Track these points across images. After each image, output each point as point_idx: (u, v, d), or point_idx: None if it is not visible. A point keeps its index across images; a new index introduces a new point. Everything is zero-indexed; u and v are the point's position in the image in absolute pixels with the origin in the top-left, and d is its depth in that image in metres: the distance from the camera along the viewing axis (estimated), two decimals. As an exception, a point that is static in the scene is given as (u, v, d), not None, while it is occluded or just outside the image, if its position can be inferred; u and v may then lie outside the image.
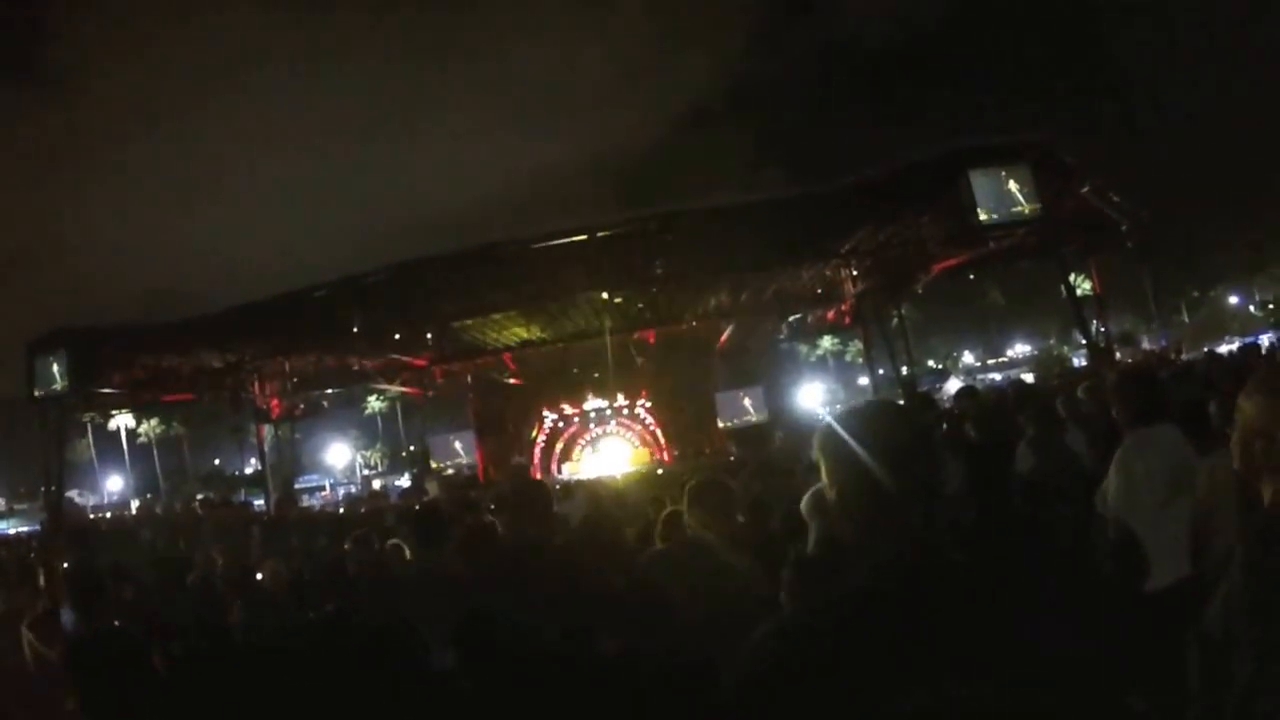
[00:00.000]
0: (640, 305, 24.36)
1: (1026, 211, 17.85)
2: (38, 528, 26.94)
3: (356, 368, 28.43)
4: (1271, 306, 52.24)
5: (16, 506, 54.14)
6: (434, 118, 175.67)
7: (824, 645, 1.26)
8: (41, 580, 5.25)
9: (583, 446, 29.38)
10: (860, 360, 37.87)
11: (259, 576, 6.85)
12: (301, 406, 29.78)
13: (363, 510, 22.15)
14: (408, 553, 6.37)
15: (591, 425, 29.33)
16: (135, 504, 56.29)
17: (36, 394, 22.20)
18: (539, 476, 23.37)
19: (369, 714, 4.48)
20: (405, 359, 27.11)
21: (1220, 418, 3.68)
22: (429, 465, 29.83)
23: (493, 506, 5.50)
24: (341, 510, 27.24)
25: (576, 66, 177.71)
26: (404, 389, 33.61)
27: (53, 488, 25.21)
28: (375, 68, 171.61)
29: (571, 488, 13.73)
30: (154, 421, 70.43)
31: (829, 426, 1.46)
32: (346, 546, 6.16)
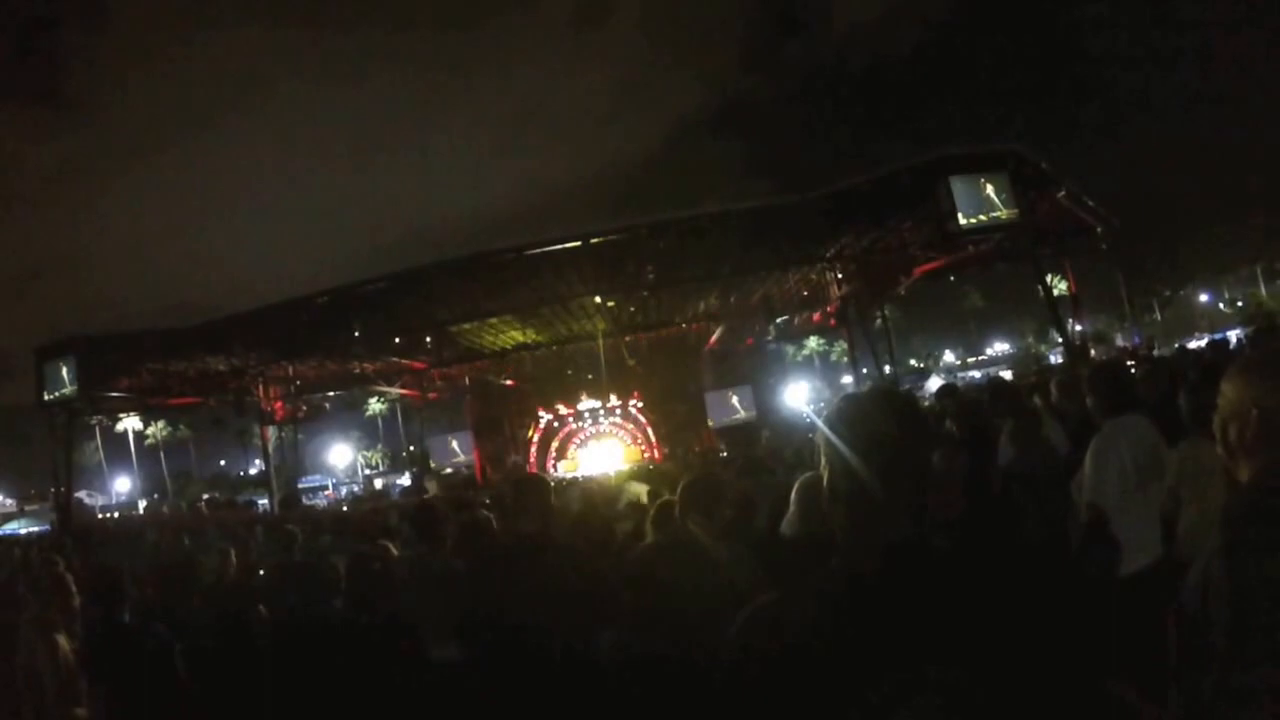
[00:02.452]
0: (632, 309, 24.35)
1: (1004, 216, 17.91)
2: (47, 528, 26.82)
3: (357, 371, 28.37)
4: (1240, 304, 52.52)
5: (27, 508, 53.78)
6: (437, 135, 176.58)
7: (806, 627, 1.25)
8: (70, 581, 5.20)
9: (577, 446, 29.34)
10: (845, 360, 37.93)
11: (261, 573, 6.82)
12: (304, 409, 29.70)
13: (366, 509, 22.07)
14: (394, 550, 6.36)
15: (585, 425, 29.30)
16: (142, 504, 56.06)
17: (46, 398, 22.11)
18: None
19: (375, 705, 4.46)
20: (404, 363, 27.07)
21: (1189, 409, 3.69)
22: (428, 465, 29.77)
23: (487, 502, 5.49)
24: (345, 509, 27.17)
25: (574, 86, 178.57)
26: (403, 391, 33.50)
27: (61, 489, 25.07)
28: (381, 90, 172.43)
29: (565, 486, 13.70)
30: (161, 424, 70.24)
31: (827, 415, 1.44)
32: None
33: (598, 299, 22.15)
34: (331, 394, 31.28)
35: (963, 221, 17.69)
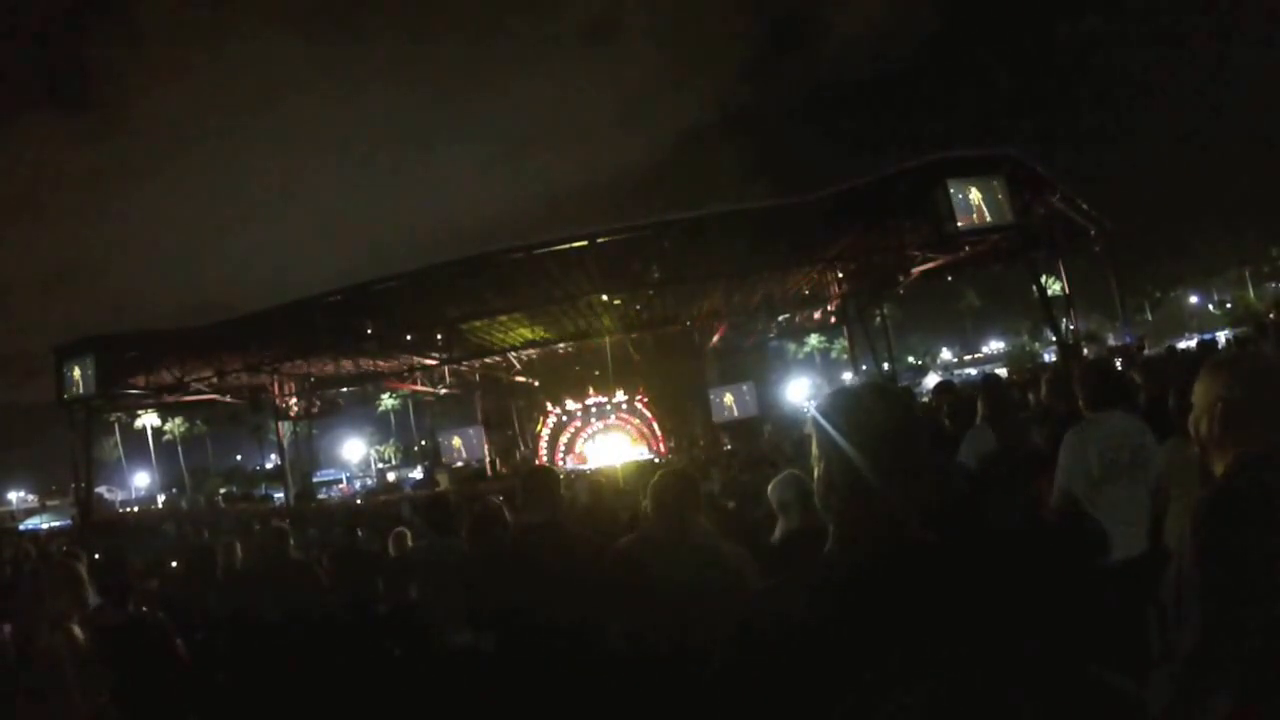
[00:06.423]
0: (638, 307, 24.36)
1: (1000, 218, 17.90)
2: (69, 523, 26.92)
3: (370, 368, 28.43)
4: (1229, 306, 52.39)
5: (49, 503, 53.92)
6: (452, 142, 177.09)
7: (804, 613, 1.26)
8: (84, 573, 5.22)
9: (584, 440, 29.36)
10: (845, 357, 37.93)
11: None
12: (318, 405, 29.75)
13: (380, 501, 22.14)
14: (410, 539, 6.41)
15: (592, 420, 29.31)
16: (161, 499, 56.14)
17: (65, 396, 22.16)
18: (543, 469, 23.31)
19: (386, 693, 4.49)
20: (416, 359, 27.10)
21: (1177, 406, 3.71)
22: (439, 459, 29.83)
23: (499, 495, 5.51)
24: (359, 501, 27.25)
25: (583, 97, 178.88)
26: (415, 387, 33.58)
27: (82, 485, 25.14)
28: (398, 98, 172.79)
29: (573, 478, 13.71)
30: (178, 420, 70.28)
31: (820, 407, 1.43)
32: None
33: (604, 297, 22.17)
34: (345, 390, 31.33)
35: (960, 223, 17.70)
